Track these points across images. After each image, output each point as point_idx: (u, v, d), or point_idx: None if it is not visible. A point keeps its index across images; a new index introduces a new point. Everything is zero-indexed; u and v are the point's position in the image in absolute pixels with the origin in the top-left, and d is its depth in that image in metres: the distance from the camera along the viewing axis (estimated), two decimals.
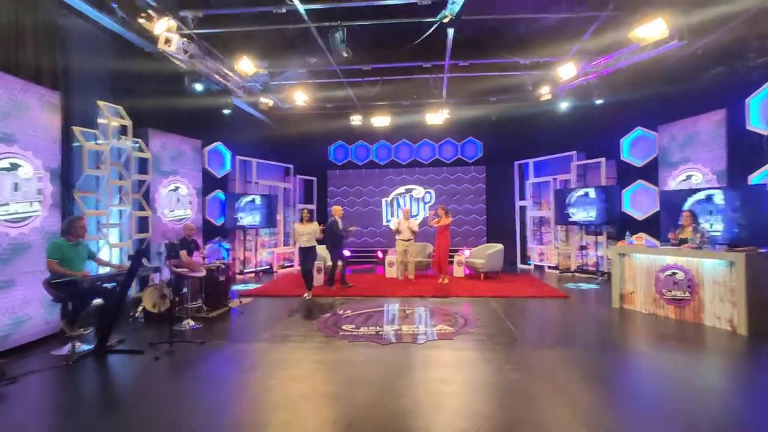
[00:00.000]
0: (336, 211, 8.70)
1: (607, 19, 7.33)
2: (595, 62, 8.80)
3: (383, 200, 13.62)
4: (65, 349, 4.64)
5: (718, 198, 6.37)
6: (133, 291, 6.22)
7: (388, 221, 13.36)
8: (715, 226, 6.43)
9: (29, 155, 4.91)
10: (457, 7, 6.20)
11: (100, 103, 6.20)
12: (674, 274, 5.87)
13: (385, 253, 10.45)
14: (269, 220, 10.89)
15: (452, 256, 9.98)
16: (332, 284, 8.53)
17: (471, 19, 7.34)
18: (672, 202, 6.96)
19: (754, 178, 6.05)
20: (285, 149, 12.40)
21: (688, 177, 7.33)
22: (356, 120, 11.86)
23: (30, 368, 4.17)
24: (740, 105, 6.21)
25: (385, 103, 11.74)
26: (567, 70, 8.67)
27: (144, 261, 5.24)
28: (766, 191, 5.79)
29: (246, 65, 8.36)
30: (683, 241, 6.00)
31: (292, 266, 11.99)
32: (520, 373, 3.92)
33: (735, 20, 6.42)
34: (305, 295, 7.54)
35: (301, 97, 10.38)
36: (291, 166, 12.39)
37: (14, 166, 4.72)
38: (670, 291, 5.92)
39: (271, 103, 10.76)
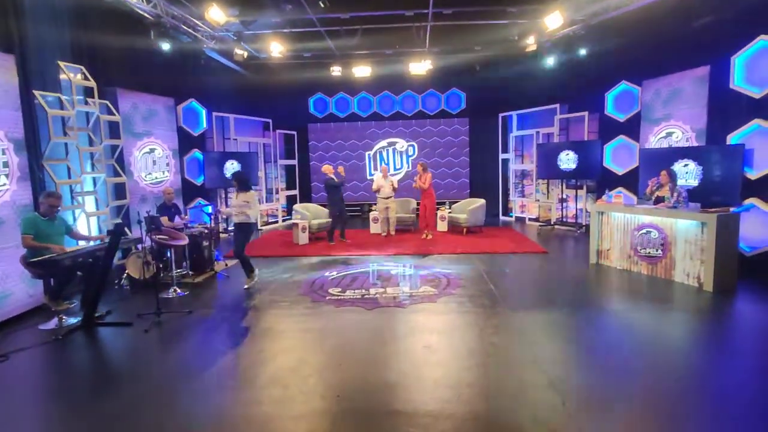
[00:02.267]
0: (327, 170, 8.83)
1: None
2: (582, 13, 8.51)
3: (366, 154, 13.45)
4: (52, 323, 4.66)
5: (696, 158, 6.48)
6: (116, 259, 6.17)
7: (371, 175, 13.28)
8: (690, 182, 6.58)
9: None
10: None
11: (61, 63, 5.78)
12: (649, 232, 6.07)
13: (369, 208, 10.50)
14: (250, 178, 10.69)
15: (435, 211, 10.08)
16: (332, 239, 8.81)
17: None
18: (652, 161, 7.05)
19: (732, 138, 6.12)
20: (263, 103, 11.95)
21: (669, 134, 7.38)
22: (336, 71, 11.43)
23: (19, 345, 4.19)
24: (725, 62, 6.14)
25: (366, 53, 11.26)
26: (554, 20, 8.37)
27: (126, 230, 5.16)
28: (743, 151, 5.89)
29: (216, 14, 7.85)
30: (660, 200, 6.16)
31: (276, 222, 11.98)
32: (499, 337, 4.12)
33: None
34: (247, 284, 5.99)
35: (277, 48, 9.88)
36: (270, 120, 12.00)
37: None
38: (644, 248, 6.15)
39: (245, 54, 10.22)
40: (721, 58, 6.28)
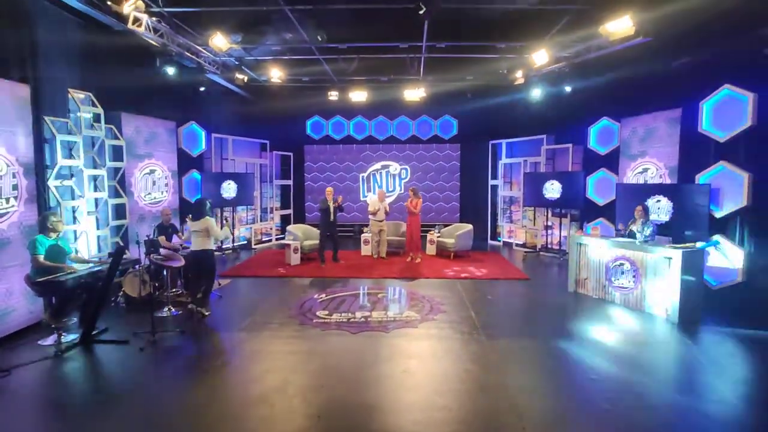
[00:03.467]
0: (328, 192, 9.22)
1: (578, 12, 7.49)
2: (566, 51, 9.02)
3: (360, 176, 13.82)
4: (50, 340, 4.90)
5: (667, 194, 6.89)
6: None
7: (364, 197, 13.63)
8: (662, 217, 6.97)
9: (3, 152, 4.94)
10: None
11: (71, 91, 6.13)
12: (622, 264, 6.41)
13: (361, 229, 10.82)
14: (246, 198, 11.03)
15: (424, 235, 10.42)
16: (323, 261, 9.03)
17: (448, 5, 7.39)
18: (627, 195, 7.46)
19: (701, 177, 6.53)
20: (261, 124, 12.35)
21: (645, 170, 7.80)
22: (333, 95, 11.86)
23: (21, 360, 4.43)
24: (695, 107, 6.59)
25: (363, 79, 11.72)
26: (540, 57, 8.86)
27: (126, 251, 5.43)
28: (709, 190, 6.28)
29: (219, 41, 8.25)
30: (633, 234, 6.52)
31: (270, 240, 12.26)
32: (474, 363, 4.40)
33: (696, 21, 6.72)
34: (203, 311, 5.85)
35: (276, 74, 10.31)
36: (267, 141, 12.37)
37: None
38: (618, 279, 6.49)
39: (246, 78, 10.64)
40: (692, 103, 6.73)
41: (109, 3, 6.37)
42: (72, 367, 4.42)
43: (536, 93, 10.29)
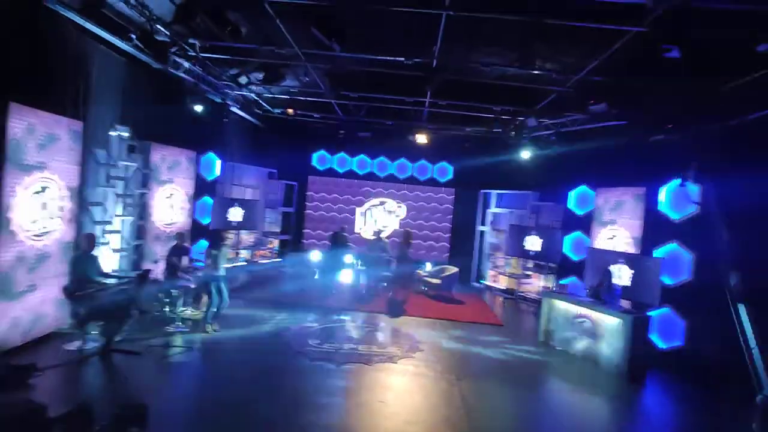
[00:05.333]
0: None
1: (566, 92, 8.53)
2: (553, 121, 10.10)
3: (357, 209, 14.69)
4: (75, 345, 5.59)
5: (628, 262, 7.77)
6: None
7: (359, 229, 14.47)
8: (623, 281, 7.81)
9: (56, 178, 5.76)
10: None
11: (114, 129, 7.00)
12: (584, 321, 7.22)
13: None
14: (251, 222, 11.81)
15: None
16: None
17: (450, 77, 8.41)
18: (595, 258, 8.33)
19: (656, 251, 7.42)
20: (270, 154, 13.24)
21: (613, 236, 8.70)
22: (341, 133, 12.86)
23: (50, 362, 5.12)
24: (656, 188, 7.55)
25: (369, 120, 12.73)
26: (530, 122, 9.91)
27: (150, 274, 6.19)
28: (661, 263, 7.16)
29: (243, 80, 9.27)
30: (597, 294, 7.34)
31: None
32: (440, 399, 5.15)
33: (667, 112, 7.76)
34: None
35: (290, 109, 11.35)
36: (275, 170, 13.26)
37: (44, 189, 5.57)
38: (579, 334, 7.28)
39: (261, 111, 11.64)
40: (654, 183, 7.69)
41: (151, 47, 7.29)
42: (92, 370, 5.14)
43: (526, 153, 11.30)
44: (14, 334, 5.30)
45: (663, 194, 7.44)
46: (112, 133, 7.03)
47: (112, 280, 5.83)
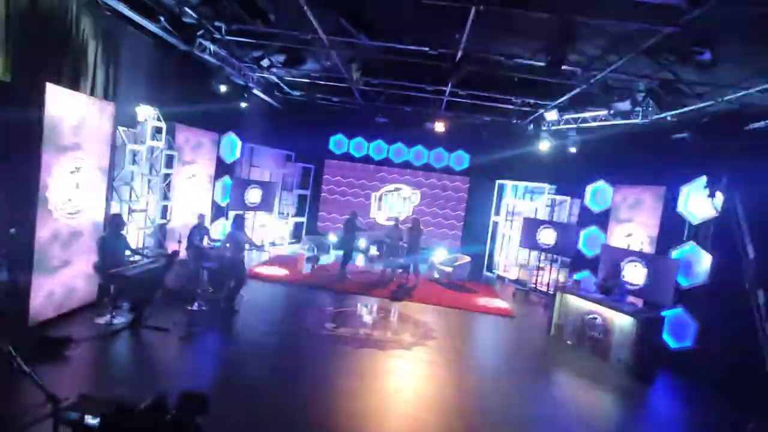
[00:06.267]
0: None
1: (588, 88, 8.44)
2: (574, 115, 10.01)
3: (373, 194, 14.79)
4: (105, 318, 5.85)
5: (644, 262, 7.80)
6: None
7: (374, 215, 14.61)
8: (638, 281, 7.86)
9: (89, 158, 5.93)
10: None
11: (142, 108, 7.13)
12: (595, 318, 7.32)
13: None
14: (268, 204, 12.00)
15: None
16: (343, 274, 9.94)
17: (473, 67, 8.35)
18: (609, 255, 8.37)
19: (673, 252, 7.44)
20: (288, 136, 13.34)
21: (629, 235, 8.71)
22: (359, 118, 12.90)
23: (83, 335, 5.38)
24: (677, 189, 7.52)
25: (388, 106, 12.72)
26: (550, 115, 9.86)
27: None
28: (677, 265, 7.19)
29: (266, 63, 9.33)
30: (609, 290, 7.42)
31: (282, 245, 13.22)
32: (455, 389, 5.33)
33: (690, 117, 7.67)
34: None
35: (310, 92, 11.40)
36: (292, 153, 13.38)
37: (78, 169, 5.76)
38: (591, 331, 7.39)
39: (281, 93, 11.71)
40: (675, 184, 7.65)
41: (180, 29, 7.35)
42: (123, 344, 5.40)
43: (544, 145, 11.23)
44: (48, 306, 5.57)
45: (683, 195, 7.41)
46: (140, 115, 7.16)
47: (140, 258, 6.05)
